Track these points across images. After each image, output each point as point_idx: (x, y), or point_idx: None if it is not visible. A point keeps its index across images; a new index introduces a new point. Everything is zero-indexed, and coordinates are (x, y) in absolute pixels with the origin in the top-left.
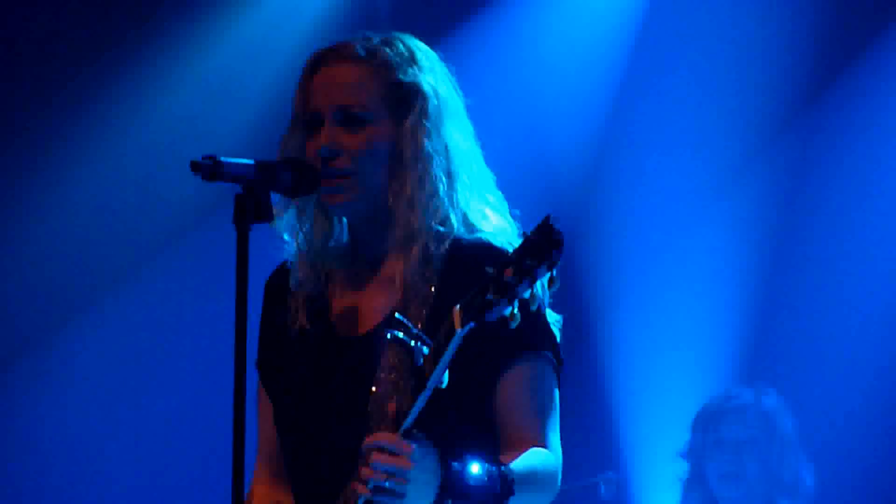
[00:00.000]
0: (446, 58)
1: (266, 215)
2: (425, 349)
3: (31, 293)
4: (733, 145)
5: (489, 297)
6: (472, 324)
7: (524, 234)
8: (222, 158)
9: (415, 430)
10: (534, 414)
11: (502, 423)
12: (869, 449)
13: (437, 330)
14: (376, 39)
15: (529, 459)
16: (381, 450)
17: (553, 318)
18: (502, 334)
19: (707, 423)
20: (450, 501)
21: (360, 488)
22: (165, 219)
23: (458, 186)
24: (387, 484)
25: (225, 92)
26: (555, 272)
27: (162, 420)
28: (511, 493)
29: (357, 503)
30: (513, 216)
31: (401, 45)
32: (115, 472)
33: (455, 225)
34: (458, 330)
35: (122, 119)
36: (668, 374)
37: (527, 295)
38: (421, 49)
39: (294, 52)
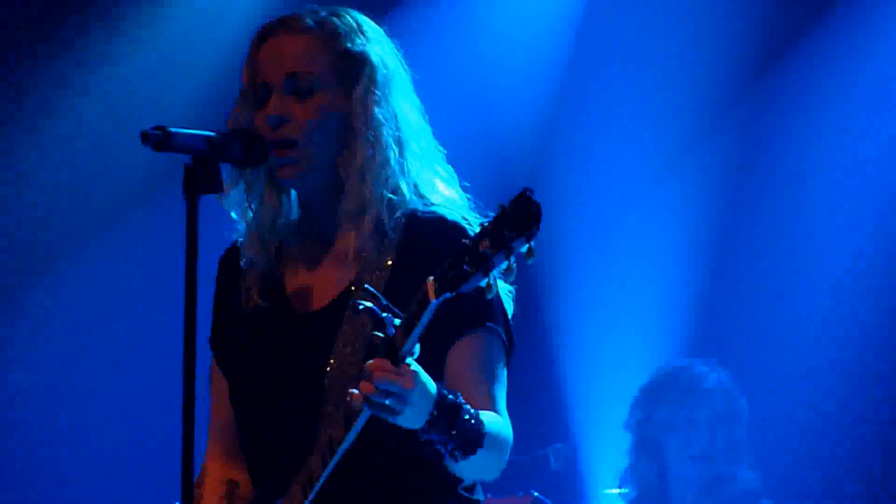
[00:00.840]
0: (394, 34)
1: (216, 186)
2: (396, 321)
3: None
4: (682, 121)
5: (465, 268)
6: (446, 294)
7: (500, 205)
8: (172, 129)
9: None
10: (484, 384)
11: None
12: (812, 421)
13: (395, 303)
14: (324, 12)
15: (495, 422)
16: (383, 370)
17: (506, 289)
18: (455, 306)
19: (670, 399)
20: (434, 433)
21: (357, 398)
22: (116, 190)
23: (409, 156)
24: (386, 401)
25: (176, 62)
26: (533, 243)
27: (109, 396)
28: (481, 444)
29: (347, 436)
30: (462, 189)
31: (348, 17)
32: (59, 446)
33: (407, 195)
34: (433, 300)
35: (73, 89)
36: (615, 347)
37: (503, 266)
38: (368, 22)
39: (242, 24)
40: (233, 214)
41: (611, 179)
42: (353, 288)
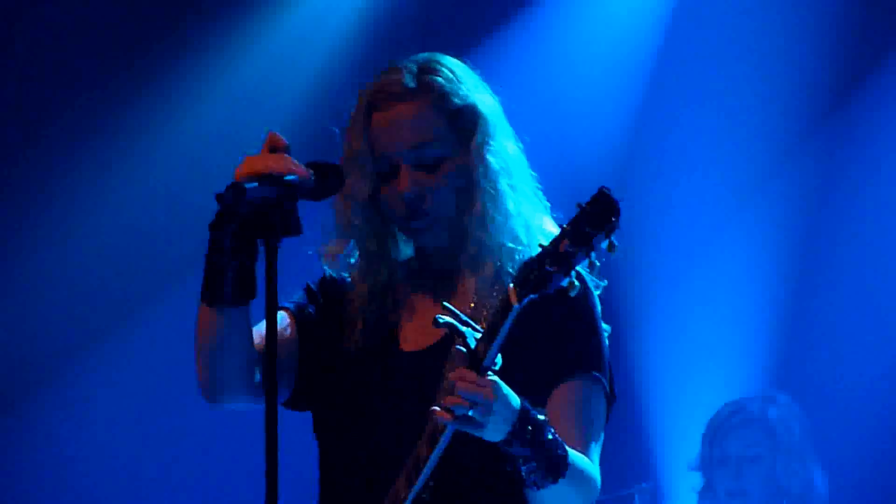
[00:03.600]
0: (474, 62)
1: (294, 229)
2: (477, 334)
3: (59, 310)
4: (760, 151)
5: (547, 268)
6: (528, 297)
7: (579, 204)
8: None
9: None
10: (580, 430)
11: None
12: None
13: (509, 348)
14: (416, 67)
15: (581, 458)
16: (465, 380)
17: (604, 328)
18: (561, 349)
19: (713, 438)
20: (517, 446)
21: (445, 415)
22: (194, 233)
23: (521, 199)
24: (470, 413)
25: (255, 102)
26: (614, 237)
27: (193, 438)
28: (563, 473)
29: (433, 455)
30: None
31: (443, 68)
32: (148, 494)
33: (524, 240)
34: (515, 305)
35: (151, 132)
36: (698, 383)
37: (585, 265)
38: (458, 66)
39: (323, 61)
40: (345, 275)
41: (690, 209)
42: (442, 302)
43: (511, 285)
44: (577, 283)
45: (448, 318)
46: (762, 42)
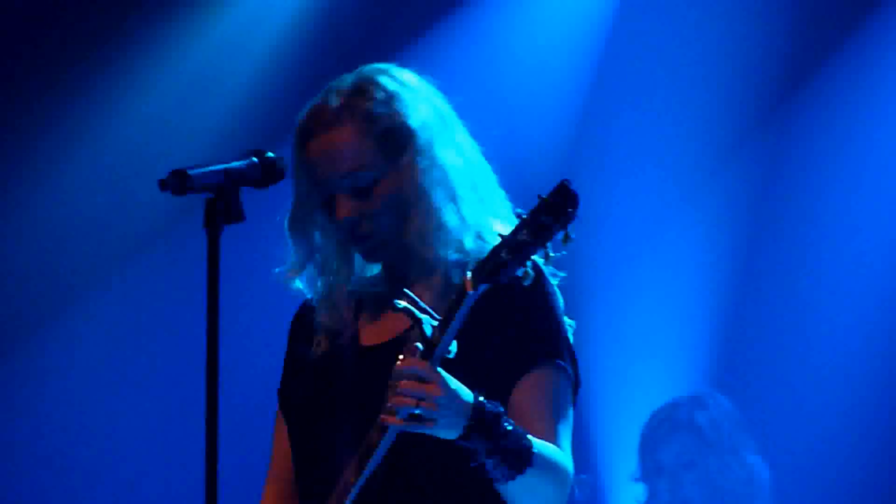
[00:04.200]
0: (416, 58)
1: (237, 216)
2: (433, 321)
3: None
4: (704, 146)
5: (502, 256)
6: (484, 285)
7: (539, 196)
8: (190, 171)
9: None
10: (549, 420)
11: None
12: (839, 452)
13: (464, 351)
14: (348, 90)
15: (548, 446)
16: (410, 377)
17: (569, 324)
18: (522, 340)
19: (645, 448)
20: (476, 442)
21: (390, 418)
22: (139, 222)
23: (465, 207)
24: (417, 410)
25: (199, 92)
26: (569, 229)
27: (132, 432)
28: (530, 462)
29: (382, 441)
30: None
31: (376, 90)
32: (85, 478)
33: (470, 248)
34: (470, 291)
35: (95, 121)
36: (639, 375)
37: (540, 255)
38: (392, 80)
39: (267, 51)
40: (308, 294)
41: (635, 204)
42: (403, 289)
43: (468, 273)
44: (531, 272)
45: (406, 304)
46: (707, 35)
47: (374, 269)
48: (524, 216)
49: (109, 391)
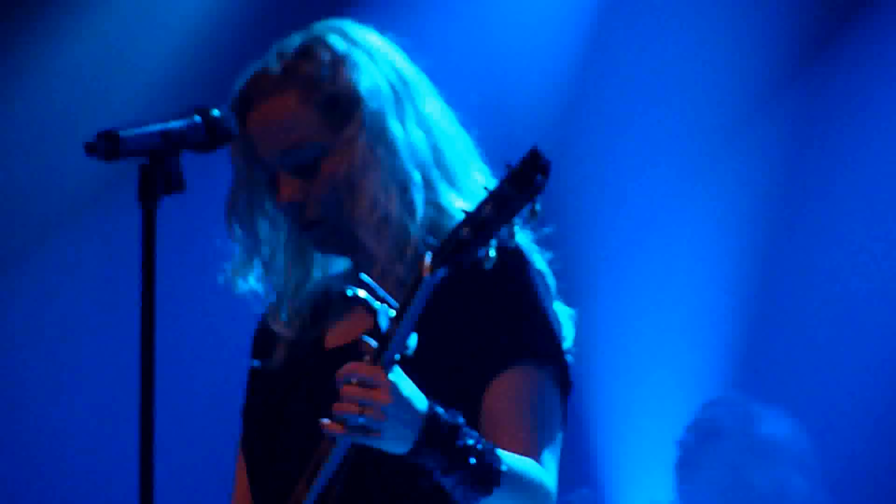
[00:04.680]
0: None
1: (177, 185)
2: (391, 312)
3: None
4: (724, 109)
5: (463, 235)
6: (443, 269)
7: (507, 165)
8: (121, 133)
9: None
10: (527, 428)
11: (488, 437)
12: (871, 457)
13: (428, 345)
14: (292, 53)
15: (523, 463)
16: (353, 382)
17: (566, 313)
18: (495, 337)
19: (723, 461)
20: (428, 458)
21: (331, 426)
22: (63, 192)
23: (418, 192)
24: (360, 420)
25: (131, 41)
26: (537, 204)
27: (55, 430)
28: (497, 482)
29: (332, 454)
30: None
31: (323, 51)
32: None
33: (433, 234)
34: (427, 276)
35: (10, 76)
36: (648, 378)
37: (504, 232)
38: (348, 39)
39: (194, 15)
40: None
41: (642, 178)
42: (358, 274)
43: (427, 255)
44: (492, 254)
45: (359, 291)
46: (710, 8)
47: (344, 264)
48: (490, 190)
49: (35, 383)
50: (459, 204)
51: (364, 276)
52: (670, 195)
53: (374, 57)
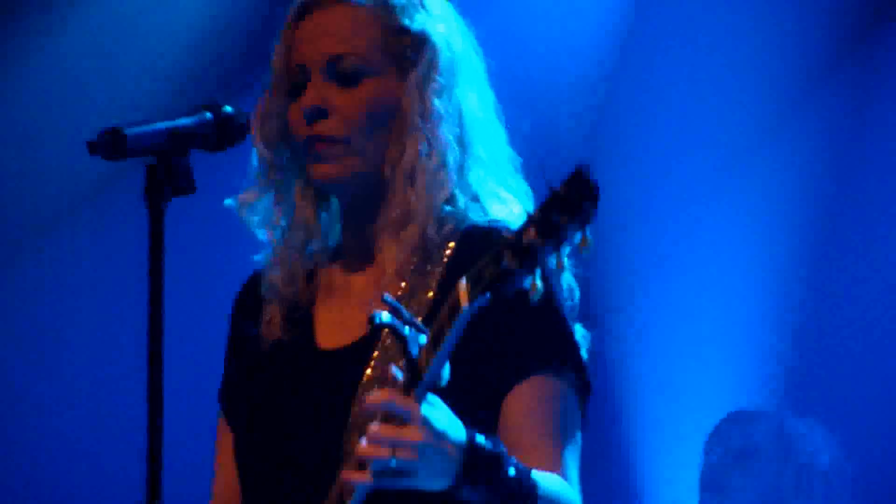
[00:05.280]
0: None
1: (186, 186)
2: (422, 337)
3: None
4: (767, 102)
5: (504, 263)
6: (482, 298)
7: (550, 188)
8: (126, 131)
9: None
10: (549, 439)
11: (509, 450)
12: None
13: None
14: None
15: (554, 483)
16: (384, 417)
17: (581, 334)
18: (513, 346)
19: (760, 487)
20: (467, 492)
21: (357, 475)
22: (66, 192)
23: (471, 162)
24: (392, 462)
25: (139, 33)
26: (587, 232)
27: (58, 432)
28: None
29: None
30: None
31: None
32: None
33: (462, 206)
34: (465, 306)
35: (11, 69)
36: (689, 390)
37: (553, 262)
38: None
39: (202, 8)
40: (259, 234)
41: (681, 179)
42: (383, 297)
43: (464, 281)
44: (540, 284)
45: (387, 316)
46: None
47: (333, 234)
48: (532, 213)
49: (38, 383)
50: (495, 207)
51: (388, 297)
52: (705, 199)
53: (451, 18)
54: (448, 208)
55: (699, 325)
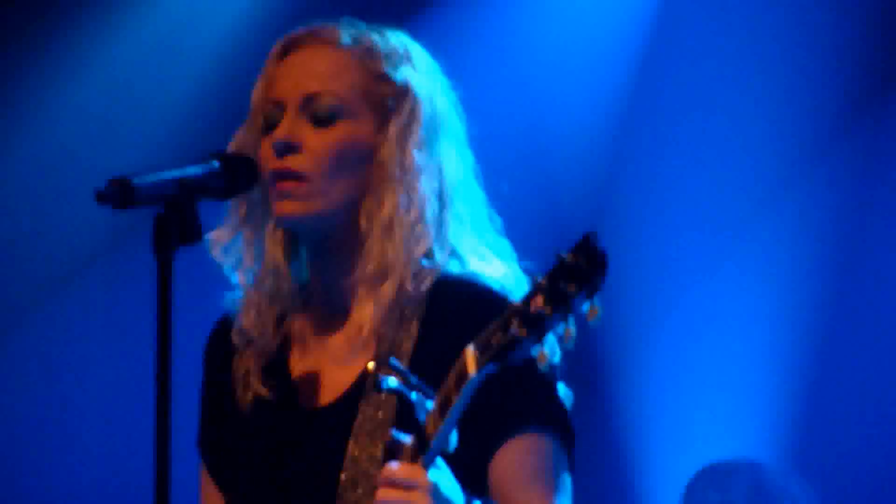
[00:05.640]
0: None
1: (194, 235)
2: (428, 403)
3: None
4: (786, 149)
5: (513, 332)
6: (490, 366)
7: (558, 255)
8: (134, 181)
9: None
10: (541, 493)
11: None
12: None
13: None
14: (365, 27)
15: None
16: (392, 485)
17: (563, 392)
18: (498, 407)
19: None
20: None
21: None
22: (74, 241)
23: (449, 217)
24: None
25: (147, 81)
26: (597, 300)
27: (72, 486)
28: None
29: None
30: (522, 268)
31: (394, 39)
32: None
33: (440, 261)
34: (474, 375)
35: (18, 120)
36: (691, 439)
37: (560, 329)
38: (420, 51)
39: (216, 47)
40: (232, 277)
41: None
42: (369, 368)
43: (471, 348)
44: (549, 352)
45: (395, 382)
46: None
47: (303, 279)
48: (538, 279)
49: (50, 436)
50: (473, 261)
51: (394, 362)
52: (722, 230)
53: (435, 75)
54: (425, 262)
55: (704, 374)
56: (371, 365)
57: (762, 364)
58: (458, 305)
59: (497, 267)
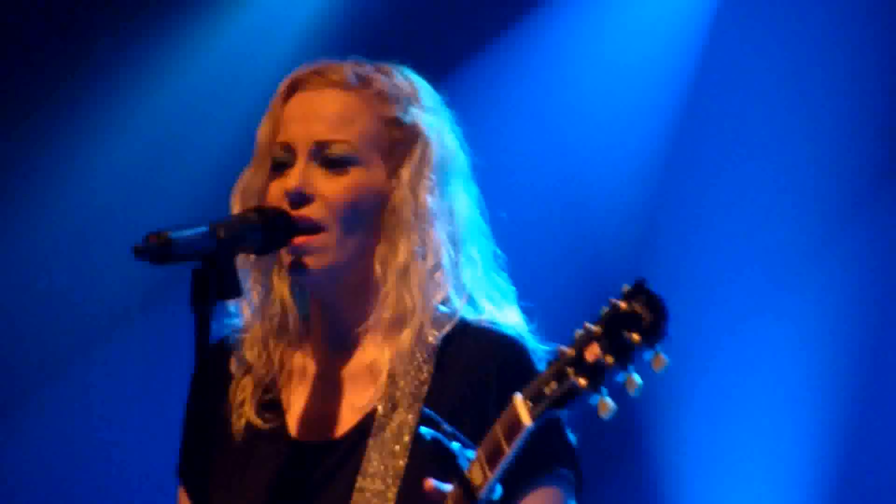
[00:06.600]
0: (471, 73)
1: (232, 291)
2: (469, 452)
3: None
4: (831, 201)
5: (571, 381)
6: (547, 415)
7: (611, 301)
8: (172, 235)
9: None
10: None
11: None
12: None
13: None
14: (370, 66)
15: None
16: None
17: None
18: (525, 451)
19: None
20: None
21: None
22: (113, 295)
23: (464, 260)
24: None
25: (182, 138)
26: (659, 348)
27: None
28: None
29: None
30: (521, 308)
31: (402, 78)
32: None
33: (457, 307)
34: (529, 425)
35: (53, 175)
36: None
37: (622, 379)
38: (426, 87)
39: (256, 101)
40: (230, 307)
41: (743, 260)
42: (378, 411)
43: (520, 397)
44: (611, 402)
45: (432, 432)
46: (840, 38)
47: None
48: (593, 326)
49: (90, 489)
50: (486, 305)
51: (428, 411)
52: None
53: (442, 113)
54: (443, 308)
55: (740, 434)
56: (425, 409)
57: (801, 426)
58: (478, 352)
59: (508, 312)
